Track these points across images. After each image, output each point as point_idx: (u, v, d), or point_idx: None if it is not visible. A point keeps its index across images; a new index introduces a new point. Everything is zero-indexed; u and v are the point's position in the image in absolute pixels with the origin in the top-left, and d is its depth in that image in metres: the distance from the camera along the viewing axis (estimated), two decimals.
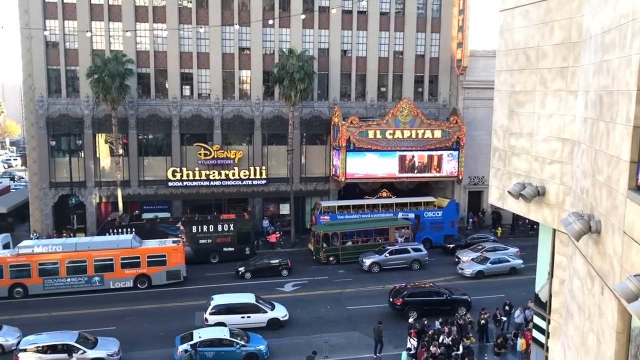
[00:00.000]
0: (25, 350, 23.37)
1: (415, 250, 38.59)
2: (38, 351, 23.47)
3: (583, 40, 10.19)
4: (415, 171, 45.98)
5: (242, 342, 24.68)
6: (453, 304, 29.32)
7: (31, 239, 39.14)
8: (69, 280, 33.18)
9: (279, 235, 44.09)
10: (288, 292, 34.00)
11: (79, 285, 33.30)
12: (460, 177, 47.01)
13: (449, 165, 46.39)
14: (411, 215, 43.20)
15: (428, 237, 42.99)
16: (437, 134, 45.67)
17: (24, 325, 27.87)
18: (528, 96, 12.12)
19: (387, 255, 37.80)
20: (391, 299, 29.90)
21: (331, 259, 39.14)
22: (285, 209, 47.55)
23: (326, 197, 47.43)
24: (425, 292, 30.09)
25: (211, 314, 27.65)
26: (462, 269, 36.46)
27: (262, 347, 24.99)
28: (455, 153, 46.33)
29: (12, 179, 71.09)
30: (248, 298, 29.03)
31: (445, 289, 30.47)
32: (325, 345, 25.11)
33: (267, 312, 28.33)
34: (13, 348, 24.68)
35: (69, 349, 23.68)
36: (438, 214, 43.99)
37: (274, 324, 28.13)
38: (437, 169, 46.35)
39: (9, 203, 48.52)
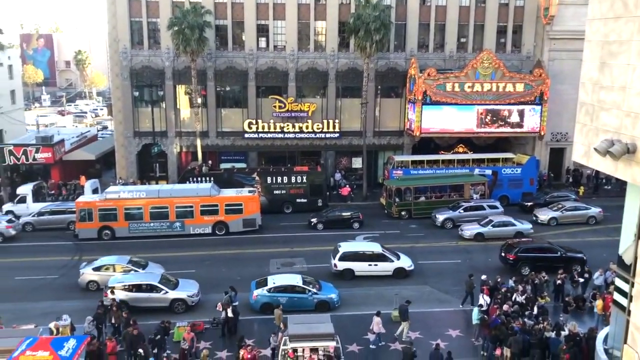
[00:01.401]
0: (114, 287, 25.13)
1: (491, 207, 37.74)
2: (125, 289, 25.18)
3: None
4: (495, 126, 44.42)
5: (314, 290, 25.36)
6: (567, 261, 28.57)
7: (117, 185, 41.47)
8: (152, 224, 35.06)
9: (350, 189, 44.30)
10: None
11: (161, 230, 35.13)
12: (542, 133, 44.99)
13: (531, 120, 44.42)
14: (488, 172, 42.09)
15: (505, 194, 41.86)
16: (519, 87, 43.66)
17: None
18: (623, 46, 11.29)
19: (461, 211, 37.21)
20: (503, 254, 29.64)
21: (403, 213, 39.02)
22: (357, 162, 47.56)
23: (399, 151, 46.94)
24: (539, 248, 29.61)
25: (340, 260, 28.55)
26: (462, 231, 35.22)
27: (333, 296, 25.60)
28: (538, 108, 44.24)
29: (105, 127, 74.86)
30: (374, 247, 29.73)
31: (559, 247, 29.69)
32: (395, 297, 25.36)
33: (393, 261, 28.82)
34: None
35: (152, 289, 25.27)
36: (517, 170, 42.56)
37: (399, 272, 28.67)
38: (518, 124, 44.54)
39: (96, 150, 51.35)
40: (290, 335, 19.61)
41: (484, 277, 25.82)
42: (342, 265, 28.68)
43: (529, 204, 40.57)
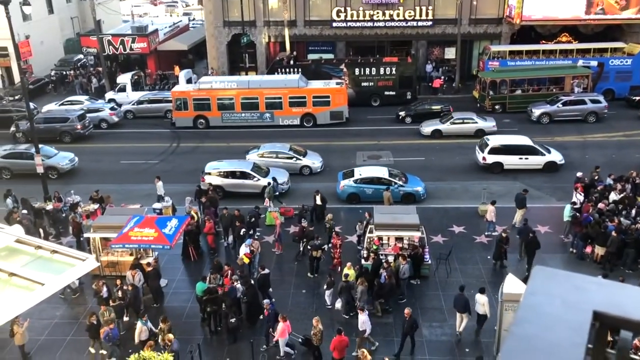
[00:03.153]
0: (209, 173, 26.56)
1: (593, 101, 35.24)
2: (219, 175, 26.56)
3: None
4: (605, 12, 40.33)
5: (400, 182, 25.51)
6: None
7: (209, 75, 42.42)
8: (243, 115, 35.97)
9: (442, 81, 42.73)
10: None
11: (252, 120, 36.05)
12: None
13: None
14: (593, 63, 38.84)
15: (610, 87, 38.78)
16: None
17: (207, 152, 31.40)
18: None
19: (560, 105, 35.09)
20: None
21: (497, 107, 37.39)
22: (450, 53, 45.41)
23: (497, 41, 44.11)
24: None
25: (489, 153, 28.21)
26: (421, 127, 34.03)
27: (419, 189, 25.69)
28: None
29: (193, 19, 75.47)
30: (524, 140, 28.95)
31: None
32: (484, 192, 25.08)
33: (544, 154, 28.17)
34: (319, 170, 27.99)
35: (244, 176, 26.45)
36: (626, 62, 38.99)
37: (550, 166, 28.00)
38: (635, 10, 40.15)
39: (188, 40, 52.24)
40: (376, 224, 20.14)
41: (579, 174, 24.77)
42: (491, 159, 28.03)
43: (637, 98, 37.48)
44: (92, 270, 8.03)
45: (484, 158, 28.20)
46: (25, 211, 23.85)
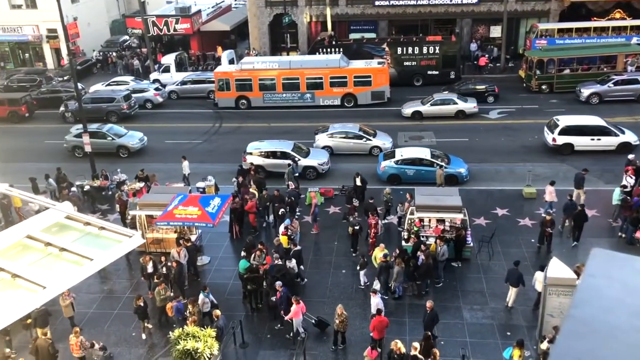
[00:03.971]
0: (251, 153, 26.78)
1: None
2: (260, 155, 26.76)
3: None
4: None
5: (443, 164, 25.13)
6: None
7: (256, 55, 42.53)
8: (284, 95, 36.03)
9: (487, 59, 41.69)
10: (493, 119, 32.95)
11: (293, 101, 36.06)
12: None
13: None
14: None
15: None
16: None
17: (249, 133, 31.66)
18: None
19: (611, 85, 33.77)
20: None
21: (544, 87, 36.28)
22: (496, 31, 44.19)
23: (545, 18, 42.66)
24: None
25: (560, 134, 27.40)
26: (402, 108, 33.78)
27: (462, 170, 25.28)
28: None
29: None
30: (596, 120, 27.96)
31: None
32: (528, 174, 24.51)
33: (618, 135, 27.29)
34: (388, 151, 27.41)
35: (285, 156, 26.55)
36: None
37: (624, 147, 26.81)
38: None
39: (231, 21, 52.45)
40: (417, 206, 19.95)
41: (631, 156, 23.89)
42: (561, 140, 27.17)
43: None
44: (137, 246, 8.24)
45: (554, 139, 27.29)
46: (74, 189, 24.62)
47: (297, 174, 25.39)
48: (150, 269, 18.70)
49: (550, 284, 15.12)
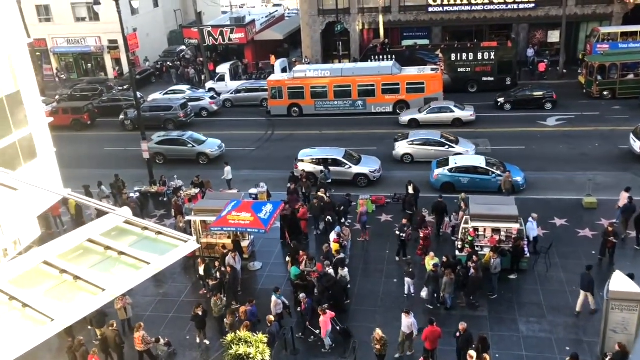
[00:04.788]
0: (302, 160, 26.93)
1: None
2: (312, 162, 26.86)
3: None
4: None
5: (498, 172, 24.52)
6: None
7: (304, 64, 42.88)
8: (336, 103, 36.11)
9: (546, 64, 40.51)
10: (551, 126, 31.94)
11: (344, 108, 36.08)
12: None
13: None
14: None
15: None
16: None
17: (300, 140, 31.84)
18: None
19: None
20: None
21: (605, 93, 34.89)
22: (554, 36, 42.92)
23: (607, 22, 41.12)
24: None
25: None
26: (400, 116, 33.71)
27: (519, 179, 24.60)
28: None
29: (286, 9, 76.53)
30: None
31: None
32: (589, 183, 23.59)
33: None
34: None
35: (336, 163, 26.55)
36: None
37: None
38: None
39: (284, 30, 53.09)
40: (472, 215, 19.51)
41: None
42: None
43: None
44: (191, 251, 8.38)
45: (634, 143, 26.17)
46: (133, 195, 25.41)
47: (329, 180, 25.31)
48: (201, 271, 19.10)
49: (612, 298, 14.47)
